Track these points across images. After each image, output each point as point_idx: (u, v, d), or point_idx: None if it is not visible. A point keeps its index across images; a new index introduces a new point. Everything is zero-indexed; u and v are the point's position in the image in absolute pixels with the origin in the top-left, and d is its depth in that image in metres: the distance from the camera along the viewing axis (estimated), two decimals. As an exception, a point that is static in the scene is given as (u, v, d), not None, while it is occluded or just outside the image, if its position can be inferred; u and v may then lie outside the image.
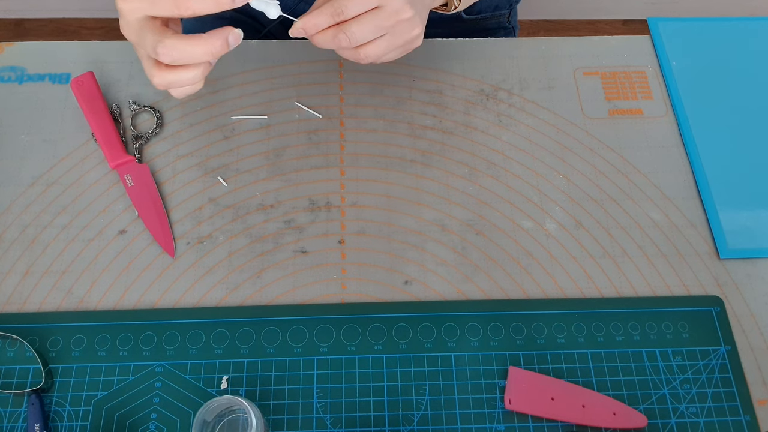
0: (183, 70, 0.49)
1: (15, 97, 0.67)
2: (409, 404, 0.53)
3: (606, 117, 0.67)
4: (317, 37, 0.52)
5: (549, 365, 0.55)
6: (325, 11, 0.50)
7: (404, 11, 0.52)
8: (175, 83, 0.50)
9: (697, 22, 0.73)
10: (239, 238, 0.60)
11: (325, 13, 0.50)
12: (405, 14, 0.52)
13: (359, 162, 0.64)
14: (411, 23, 0.53)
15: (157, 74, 0.49)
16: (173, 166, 0.64)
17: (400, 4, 0.51)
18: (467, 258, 0.60)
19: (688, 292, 0.59)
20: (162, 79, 0.49)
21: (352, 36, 0.51)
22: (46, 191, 0.62)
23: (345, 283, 0.59)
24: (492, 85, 0.69)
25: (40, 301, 0.57)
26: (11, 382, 0.54)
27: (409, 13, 0.52)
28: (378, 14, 0.51)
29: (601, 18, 1.69)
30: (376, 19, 0.51)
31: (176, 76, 0.49)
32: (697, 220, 0.62)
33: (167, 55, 0.47)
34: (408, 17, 0.52)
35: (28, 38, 1.62)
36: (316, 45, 0.53)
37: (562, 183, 0.64)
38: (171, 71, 0.49)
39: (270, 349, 0.55)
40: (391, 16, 0.52)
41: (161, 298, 0.57)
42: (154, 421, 0.52)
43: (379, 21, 0.51)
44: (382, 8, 0.51)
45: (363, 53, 0.53)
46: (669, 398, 0.54)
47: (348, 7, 0.50)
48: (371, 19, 0.51)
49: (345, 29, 0.51)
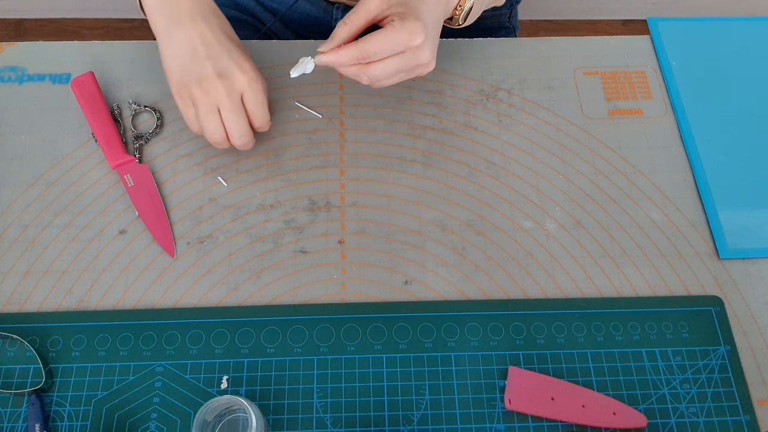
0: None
1: (15, 97, 0.67)
2: (409, 404, 0.53)
3: (606, 117, 0.67)
4: (340, 69, 0.55)
5: (549, 365, 0.55)
6: (351, 52, 0.53)
7: (425, 56, 0.55)
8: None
9: (697, 22, 0.73)
10: (239, 238, 0.60)
11: (351, 54, 0.53)
12: (425, 59, 0.55)
13: (359, 162, 0.64)
14: (428, 66, 0.56)
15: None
16: (173, 166, 0.64)
17: (424, 54, 0.54)
18: (467, 258, 0.60)
19: (688, 292, 0.59)
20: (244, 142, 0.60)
21: (374, 77, 0.55)
22: (46, 191, 0.62)
23: (345, 283, 0.59)
24: (492, 85, 0.69)
25: (40, 301, 0.57)
26: (11, 382, 0.54)
27: (428, 58, 0.55)
28: (400, 59, 0.54)
29: (601, 18, 1.69)
30: (397, 63, 0.54)
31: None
32: (697, 220, 0.62)
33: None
34: (426, 62, 0.55)
35: (28, 38, 1.62)
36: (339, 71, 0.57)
37: (562, 183, 0.64)
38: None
39: (270, 349, 0.55)
40: (411, 60, 0.54)
41: (161, 298, 0.58)
42: (154, 421, 0.52)
43: (401, 65, 0.54)
44: (405, 53, 0.54)
45: (376, 85, 0.56)
46: (669, 398, 0.54)
47: (376, 54, 0.53)
48: (394, 63, 0.54)
49: (368, 71, 0.54)
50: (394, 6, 0.53)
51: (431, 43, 0.55)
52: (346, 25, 0.54)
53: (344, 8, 0.80)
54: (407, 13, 0.53)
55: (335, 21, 0.80)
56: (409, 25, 0.52)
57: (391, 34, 0.52)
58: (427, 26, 0.54)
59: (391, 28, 0.53)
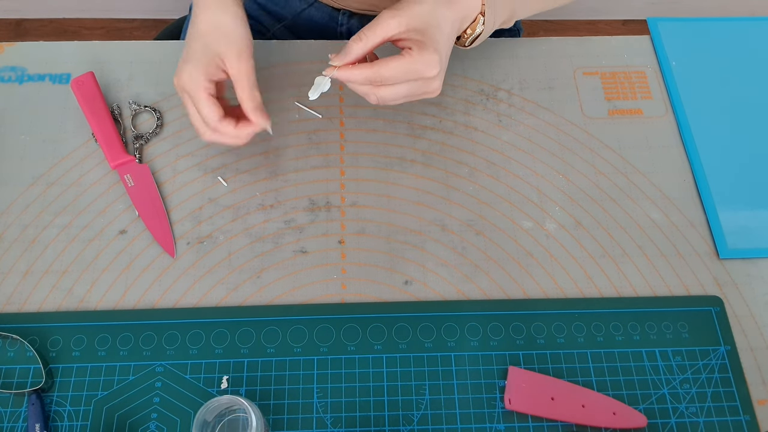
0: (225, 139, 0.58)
1: (15, 97, 0.67)
2: (409, 404, 0.53)
3: (606, 117, 0.67)
4: (349, 84, 0.55)
5: (549, 365, 0.55)
6: (366, 74, 0.53)
7: (435, 86, 0.55)
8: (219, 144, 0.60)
9: (697, 22, 0.73)
10: (239, 238, 0.60)
11: (366, 75, 0.53)
12: (434, 90, 0.55)
13: (359, 162, 0.64)
14: (435, 93, 0.56)
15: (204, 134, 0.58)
16: (173, 166, 0.64)
17: (435, 84, 0.54)
18: (467, 258, 0.60)
19: (688, 292, 0.59)
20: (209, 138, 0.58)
21: (382, 99, 0.54)
22: (46, 191, 0.62)
23: (345, 283, 0.59)
24: (492, 85, 0.69)
25: (40, 301, 0.57)
26: (11, 382, 0.54)
27: (438, 88, 0.55)
28: (411, 86, 0.54)
29: (601, 18, 1.69)
30: (407, 90, 0.54)
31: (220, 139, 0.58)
32: (697, 220, 0.62)
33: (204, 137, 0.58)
34: (435, 90, 0.55)
35: (28, 38, 1.62)
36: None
37: (562, 183, 0.64)
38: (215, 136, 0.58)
39: (270, 349, 0.55)
40: (422, 88, 0.54)
41: (161, 298, 0.58)
42: (154, 420, 0.52)
43: (410, 92, 0.54)
44: (417, 82, 0.54)
45: (381, 104, 0.56)
46: (669, 398, 0.54)
47: (389, 79, 0.53)
48: (404, 89, 0.54)
49: (377, 92, 0.54)
50: (413, 32, 0.53)
51: (443, 74, 0.55)
52: (361, 41, 0.53)
53: (349, 14, 0.80)
54: (426, 42, 0.52)
55: (341, 26, 0.80)
56: (426, 56, 0.52)
57: (408, 63, 0.52)
58: (442, 59, 0.54)
59: (408, 57, 0.52)
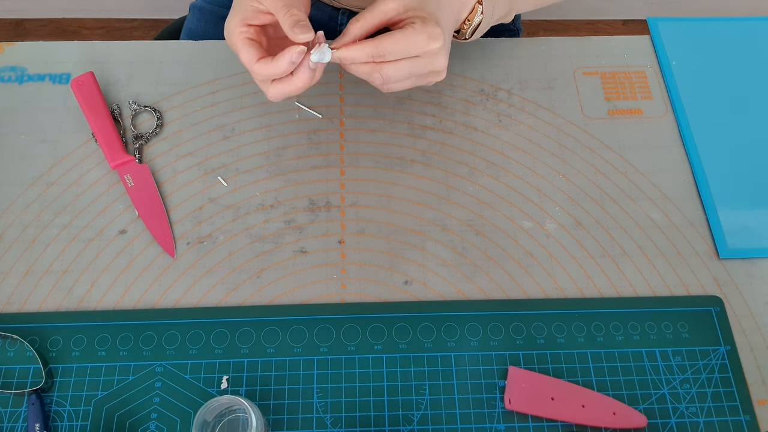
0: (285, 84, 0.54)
1: (15, 97, 0.67)
2: (409, 404, 0.53)
3: (606, 117, 0.67)
4: (352, 67, 0.53)
5: (549, 365, 0.55)
6: (366, 49, 0.52)
7: (440, 63, 0.54)
8: (284, 96, 0.55)
9: (697, 22, 0.73)
10: (239, 238, 0.60)
11: (366, 51, 0.52)
12: (439, 66, 0.54)
13: (359, 162, 0.64)
14: (440, 74, 0.55)
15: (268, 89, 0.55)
16: (173, 166, 0.64)
17: (439, 61, 0.53)
18: (467, 258, 0.60)
19: (688, 292, 0.59)
20: (265, 90, 0.55)
21: (387, 78, 0.53)
22: (46, 191, 0.62)
23: (345, 283, 0.59)
24: (492, 85, 0.69)
25: (40, 301, 0.57)
26: (11, 382, 0.54)
27: (443, 66, 0.54)
28: (415, 63, 0.53)
29: (601, 18, 1.70)
30: (412, 67, 0.53)
31: (286, 87, 0.54)
32: (697, 220, 0.62)
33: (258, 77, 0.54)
34: (440, 69, 0.54)
35: (28, 38, 1.62)
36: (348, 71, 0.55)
37: (562, 183, 0.64)
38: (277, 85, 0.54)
39: (270, 349, 0.55)
40: (426, 66, 0.53)
41: (161, 298, 0.58)
42: (154, 421, 0.52)
43: (414, 69, 0.53)
44: (420, 57, 0.53)
45: (386, 87, 0.55)
46: (669, 398, 0.54)
47: (391, 54, 0.52)
48: (408, 66, 0.53)
49: (380, 70, 0.53)
50: (412, 11, 0.52)
51: (447, 51, 0.54)
52: (359, 21, 0.53)
53: (349, 14, 0.80)
54: (427, 18, 0.52)
55: (341, 27, 0.80)
56: (429, 29, 0.51)
57: (410, 35, 0.51)
58: (444, 33, 0.53)
59: (411, 29, 0.51)
